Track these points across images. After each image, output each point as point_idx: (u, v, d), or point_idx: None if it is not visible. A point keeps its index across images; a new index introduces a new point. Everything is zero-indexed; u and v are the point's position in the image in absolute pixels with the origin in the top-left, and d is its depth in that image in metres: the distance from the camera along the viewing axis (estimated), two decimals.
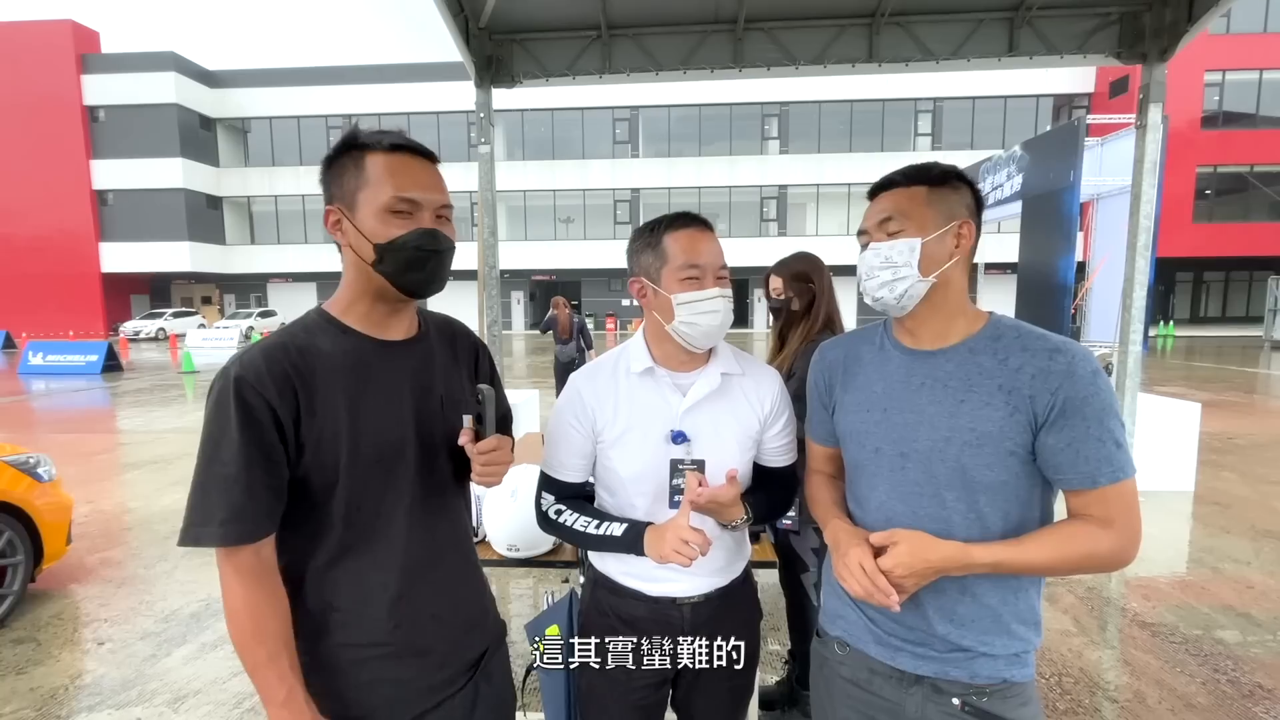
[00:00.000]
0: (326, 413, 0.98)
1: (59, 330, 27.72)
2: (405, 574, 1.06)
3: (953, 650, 1.06)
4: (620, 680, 1.30)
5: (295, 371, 0.96)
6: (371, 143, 1.00)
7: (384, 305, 1.06)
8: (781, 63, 3.80)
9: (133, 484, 5.99)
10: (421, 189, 1.01)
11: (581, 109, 29.21)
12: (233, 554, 0.94)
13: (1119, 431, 0.99)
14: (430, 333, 1.15)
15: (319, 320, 1.05)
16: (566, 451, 1.32)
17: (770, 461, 1.35)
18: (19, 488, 3.35)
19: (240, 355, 0.96)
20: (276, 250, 31.57)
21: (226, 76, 31.32)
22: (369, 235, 0.99)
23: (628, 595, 1.32)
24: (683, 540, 1.13)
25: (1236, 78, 23.98)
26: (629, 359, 1.31)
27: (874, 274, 1.08)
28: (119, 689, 2.75)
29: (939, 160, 1.10)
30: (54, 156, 28.69)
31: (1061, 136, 8.42)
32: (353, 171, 1.00)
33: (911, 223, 1.05)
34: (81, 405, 11.19)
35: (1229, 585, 3.69)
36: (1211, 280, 28.76)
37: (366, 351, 1.04)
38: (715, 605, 1.32)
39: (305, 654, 1.02)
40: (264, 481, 0.93)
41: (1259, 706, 2.57)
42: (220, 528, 0.91)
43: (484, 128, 3.85)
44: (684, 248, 1.22)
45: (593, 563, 1.40)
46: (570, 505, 1.32)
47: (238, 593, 0.94)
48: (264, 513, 0.94)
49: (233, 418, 0.92)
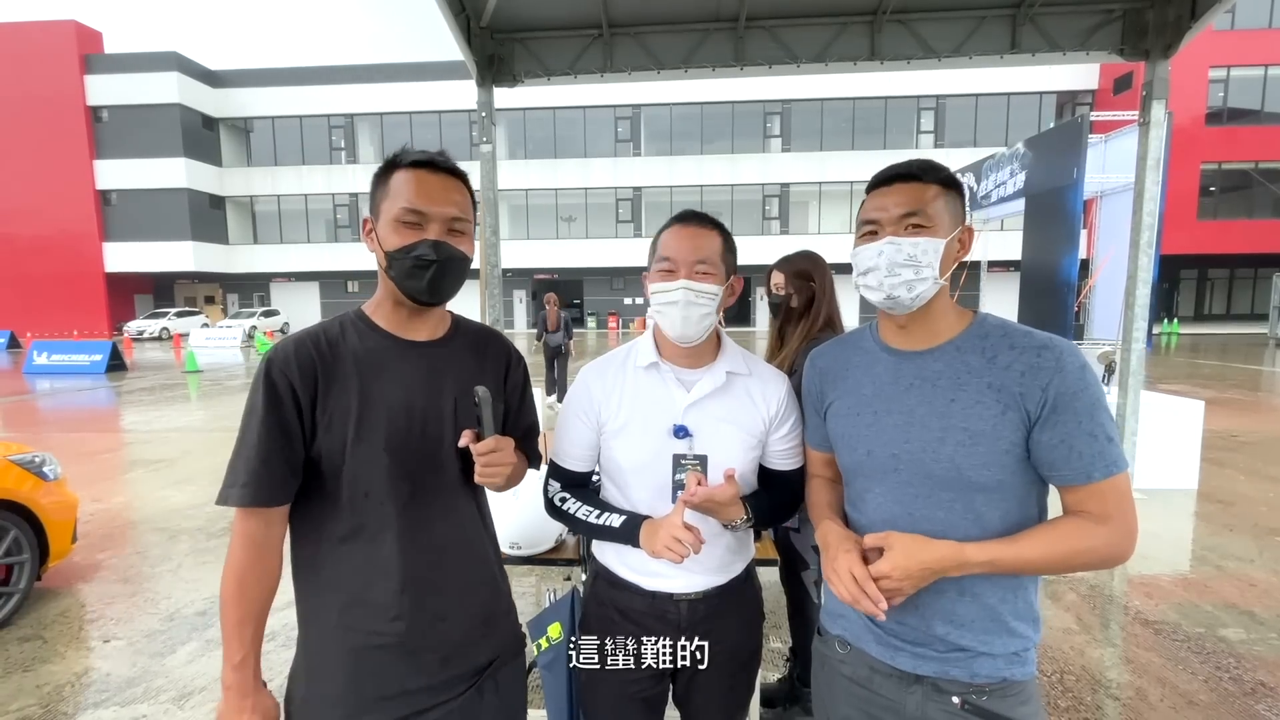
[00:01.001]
0: (339, 399, 1.06)
1: (63, 330, 27.84)
2: (408, 568, 1.08)
3: (952, 650, 1.06)
4: (620, 671, 1.31)
5: (320, 358, 1.06)
6: (403, 160, 1.08)
7: (404, 308, 1.13)
8: (783, 61, 3.80)
9: (137, 483, 6.01)
10: (429, 202, 1.07)
11: (583, 108, 29.17)
12: (246, 517, 1.04)
13: (1110, 426, 0.99)
14: (457, 338, 1.21)
15: (353, 318, 1.14)
16: (571, 441, 1.36)
17: (776, 464, 1.35)
18: (24, 486, 3.37)
19: (277, 343, 1.08)
20: (279, 250, 31.64)
21: (229, 76, 31.36)
22: (382, 243, 1.08)
23: (626, 588, 1.33)
24: (674, 538, 1.14)
25: (1241, 74, 23.85)
26: (637, 353, 1.34)
27: (896, 271, 1.04)
28: (124, 686, 2.76)
29: (939, 159, 1.10)
30: (58, 157, 28.77)
31: (1065, 134, 8.38)
32: (382, 186, 1.09)
33: (935, 221, 1.04)
34: (86, 405, 11.24)
35: (1232, 583, 3.68)
36: (1216, 278, 28.63)
37: (386, 348, 1.12)
38: (713, 603, 1.32)
39: (309, 638, 1.08)
40: (281, 454, 1.03)
41: (1261, 704, 2.57)
42: (241, 489, 1.01)
43: (486, 127, 3.85)
44: (664, 242, 1.27)
45: (595, 554, 1.42)
46: (575, 494, 1.36)
47: (236, 555, 1.05)
48: (278, 482, 1.03)
49: (261, 394, 1.03)
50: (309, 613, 1.10)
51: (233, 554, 1.05)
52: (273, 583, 1.08)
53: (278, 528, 1.07)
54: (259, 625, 1.07)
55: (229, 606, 1.05)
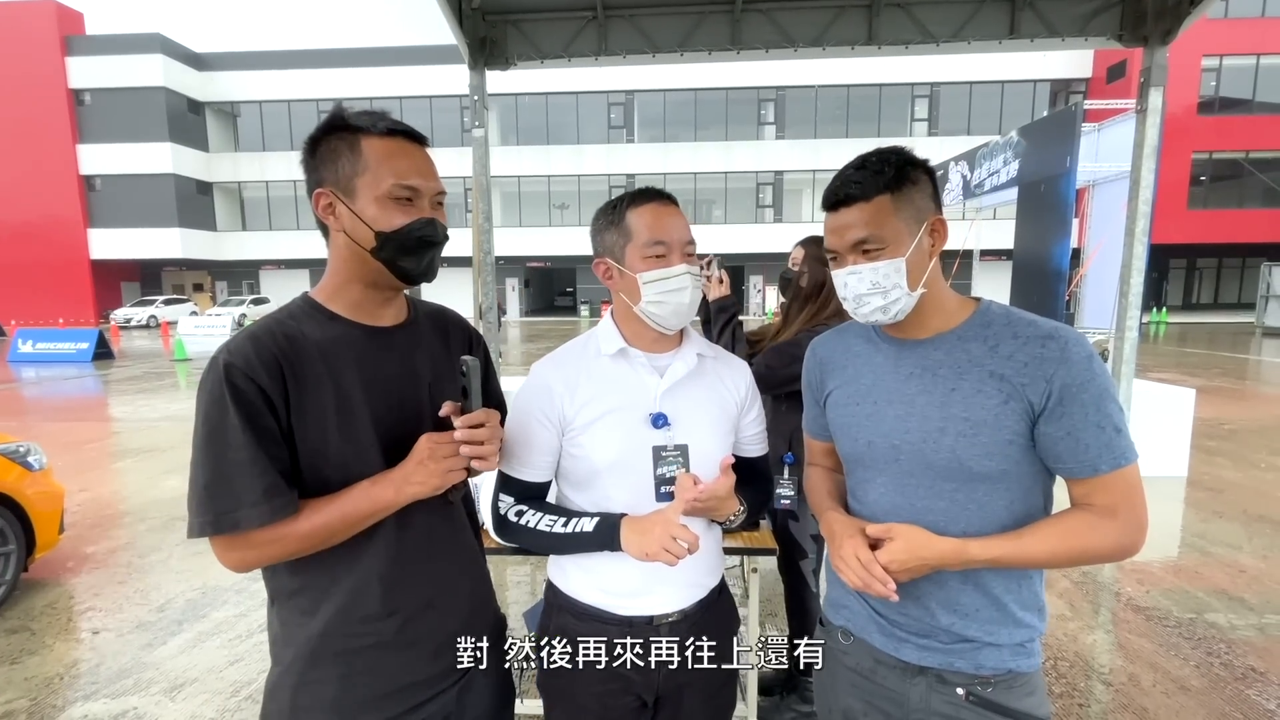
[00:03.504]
0: (314, 398, 0.97)
1: (49, 318, 27.44)
2: (398, 563, 1.04)
3: (957, 641, 1.05)
4: (594, 710, 1.20)
5: (283, 357, 0.96)
6: (365, 125, 0.98)
7: (375, 292, 1.05)
8: (780, 44, 3.75)
9: (125, 473, 5.95)
10: (421, 176, 1.00)
11: (576, 93, 28.90)
12: (270, 529, 0.93)
13: (1118, 416, 0.97)
14: (420, 320, 1.14)
15: (305, 307, 1.04)
16: (528, 448, 1.20)
17: (746, 451, 1.31)
18: (9, 476, 3.32)
19: (228, 344, 0.95)
20: (268, 237, 31.25)
21: (214, 59, 30.79)
22: (370, 222, 0.98)
23: (595, 618, 1.19)
24: (671, 537, 1.05)
25: (1234, 63, 23.90)
26: (599, 341, 1.22)
27: (865, 301, 1.03)
28: (115, 678, 2.73)
29: (904, 148, 1.04)
30: (39, 141, 28.20)
31: (1058, 122, 8.36)
32: (348, 155, 0.98)
33: (888, 240, 1.00)
34: (72, 393, 11.10)
35: (1221, 569, 3.72)
36: (1205, 267, 28.87)
37: (353, 338, 1.03)
38: (694, 621, 1.21)
39: (297, 643, 1.02)
40: (277, 463, 0.94)
41: (1252, 689, 2.60)
42: (253, 508, 0.91)
43: (478, 111, 3.79)
44: (648, 224, 1.15)
45: (554, 583, 1.26)
46: (533, 505, 1.22)
47: (297, 539, 0.95)
48: (289, 487, 0.95)
49: (230, 405, 0.91)
50: (291, 620, 1.03)
51: (294, 545, 0.95)
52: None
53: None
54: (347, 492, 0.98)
55: (347, 524, 0.97)
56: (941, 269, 1.07)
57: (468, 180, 1.30)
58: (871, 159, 1.02)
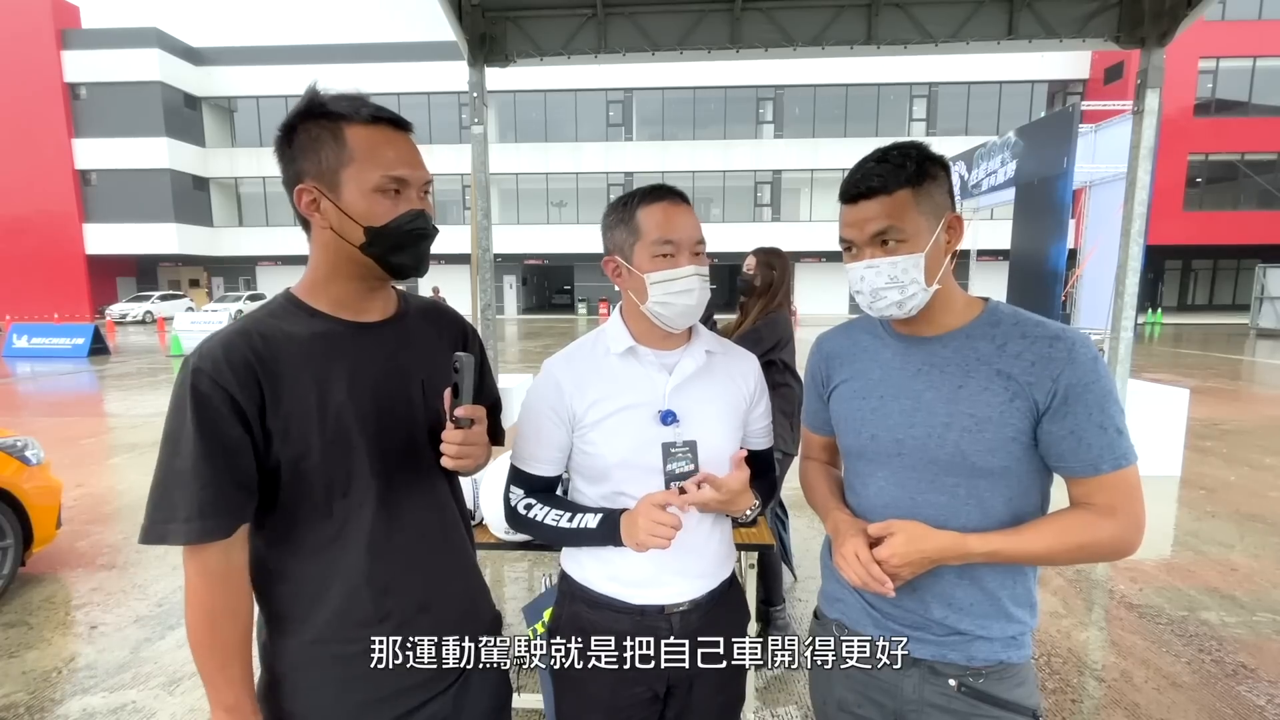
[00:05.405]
0: (295, 399, 0.93)
1: (44, 313, 27.32)
2: (391, 566, 1.01)
3: (950, 634, 1.07)
4: (604, 700, 1.21)
5: (258, 359, 0.91)
6: (348, 112, 0.93)
7: (362, 286, 1.01)
8: (779, 43, 3.76)
9: (122, 468, 5.94)
10: (410, 166, 0.96)
11: (574, 91, 28.85)
12: (199, 552, 0.90)
13: (1120, 418, 0.98)
14: (410, 314, 1.10)
15: (286, 304, 1.00)
16: (539, 443, 1.22)
17: (754, 444, 1.31)
18: (7, 471, 3.32)
19: (199, 346, 0.91)
20: (265, 233, 31.14)
21: (211, 54, 30.66)
22: (359, 218, 0.93)
23: (607, 607, 1.21)
24: (655, 521, 1.06)
25: (1230, 65, 23.98)
26: (608, 339, 1.23)
27: (881, 295, 1.03)
28: (113, 672, 2.74)
29: (922, 143, 1.04)
30: (35, 135, 28.06)
31: (1056, 123, 8.40)
32: (330, 145, 0.93)
33: (909, 234, 0.99)
34: (69, 389, 11.07)
35: (1214, 568, 3.75)
36: (1200, 268, 28.97)
37: (338, 335, 0.99)
38: (704, 612, 1.22)
39: (287, 651, 0.99)
40: (228, 476, 0.89)
41: (1243, 685, 2.63)
42: (185, 524, 0.87)
43: (477, 108, 3.79)
44: (658, 222, 1.14)
45: (567, 572, 1.28)
46: (541, 499, 1.24)
47: (200, 595, 0.91)
48: (228, 508, 0.90)
49: (189, 411, 0.87)
50: (281, 628, 0.99)
51: (193, 594, 0.91)
52: (248, 611, 0.95)
53: (239, 552, 0.94)
54: (245, 661, 0.95)
55: (204, 652, 0.92)
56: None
57: (466, 177, 1.30)
58: (893, 152, 1.02)
